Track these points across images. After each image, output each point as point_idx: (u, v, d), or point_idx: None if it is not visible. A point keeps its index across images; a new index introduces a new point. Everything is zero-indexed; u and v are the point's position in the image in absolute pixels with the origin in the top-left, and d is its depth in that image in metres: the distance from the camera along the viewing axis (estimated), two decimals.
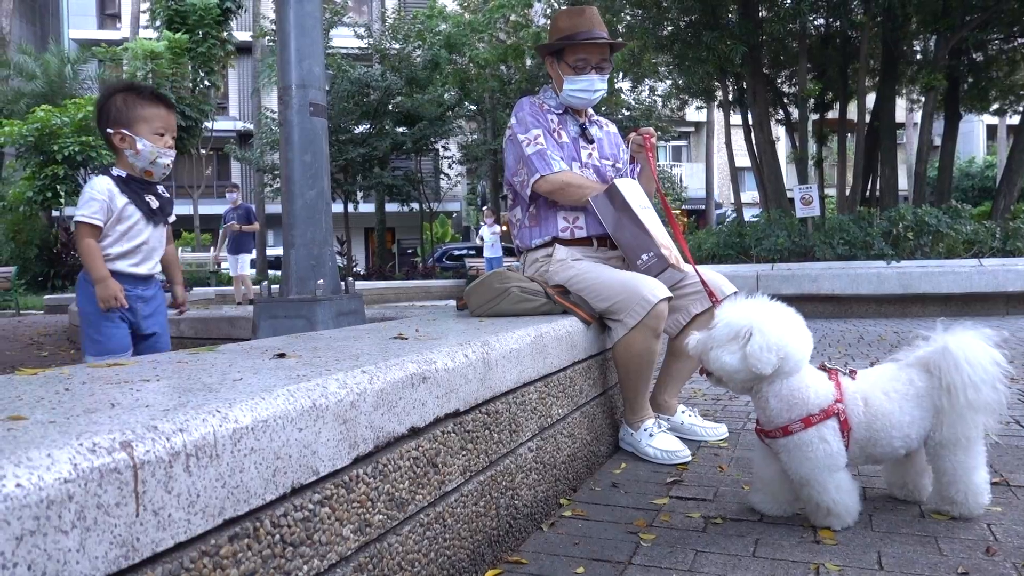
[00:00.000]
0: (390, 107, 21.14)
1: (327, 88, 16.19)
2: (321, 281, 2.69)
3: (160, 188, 2.47)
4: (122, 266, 2.39)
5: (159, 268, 2.54)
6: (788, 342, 1.74)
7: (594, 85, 2.62)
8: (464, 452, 1.51)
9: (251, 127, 24.50)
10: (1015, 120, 14.01)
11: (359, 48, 22.15)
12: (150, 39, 17.58)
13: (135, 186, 2.37)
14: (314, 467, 1.04)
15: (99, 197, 2.29)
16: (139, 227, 2.39)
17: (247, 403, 0.94)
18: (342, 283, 2.91)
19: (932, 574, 1.51)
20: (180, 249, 24.56)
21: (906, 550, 1.64)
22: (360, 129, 20.97)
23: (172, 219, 2.57)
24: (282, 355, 1.39)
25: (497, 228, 14.77)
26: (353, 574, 1.12)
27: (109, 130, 2.29)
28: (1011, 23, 12.41)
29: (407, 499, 1.29)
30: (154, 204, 2.42)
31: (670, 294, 2.37)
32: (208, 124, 19.96)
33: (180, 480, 0.81)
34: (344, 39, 22.39)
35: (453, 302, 2.72)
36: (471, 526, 1.52)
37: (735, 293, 2.66)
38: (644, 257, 2.46)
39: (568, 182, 2.53)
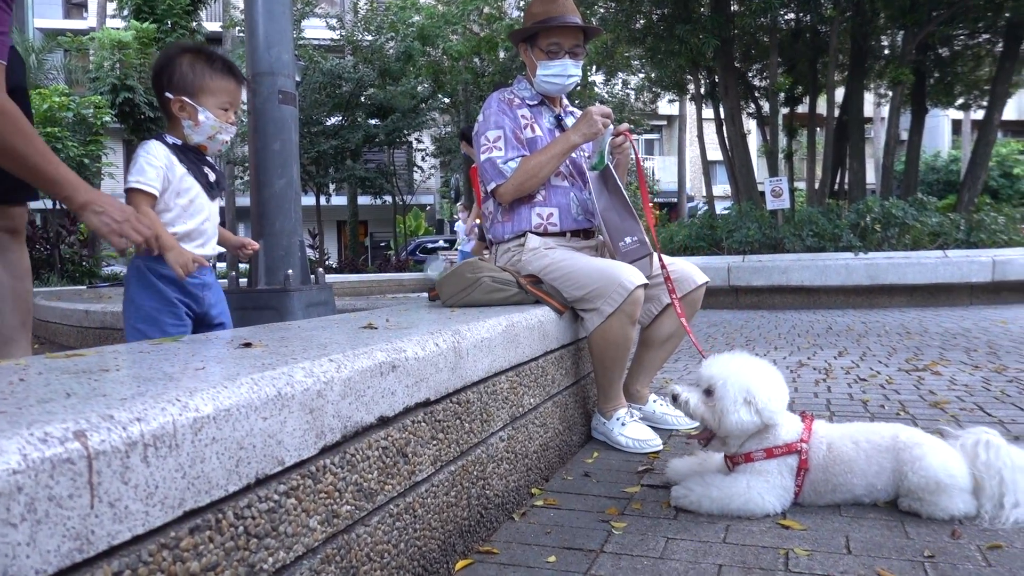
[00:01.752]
0: (362, 99, 20.97)
1: (298, 79, 16.00)
2: (290, 271, 2.65)
3: (212, 159, 2.18)
4: (188, 249, 2.07)
5: (219, 249, 2.25)
6: (786, 395, 1.86)
7: (567, 70, 2.61)
8: (435, 442, 1.49)
9: None
10: (979, 115, 14.28)
11: (331, 40, 21.91)
12: (117, 29, 17.19)
13: (192, 156, 2.09)
14: (279, 457, 1.01)
15: (156, 163, 1.98)
16: (200, 202, 2.10)
17: (209, 392, 0.92)
18: (312, 274, 2.88)
19: (899, 557, 1.53)
20: None
21: (874, 534, 1.66)
22: (332, 121, 20.77)
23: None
24: (248, 344, 1.37)
25: (471, 222, 14.76)
26: (320, 566, 1.11)
27: (168, 94, 2.01)
28: (976, 19, 12.63)
29: (376, 489, 1.27)
30: (211, 176, 2.15)
31: (646, 280, 2.38)
32: None
33: (138, 471, 0.79)
34: (316, 30, 22.13)
35: (426, 294, 2.69)
36: (442, 516, 1.51)
37: (706, 282, 2.68)
38: (627, 240, 2.47)
39: (522, 181, 2.52)
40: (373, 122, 21.27)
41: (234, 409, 0.93)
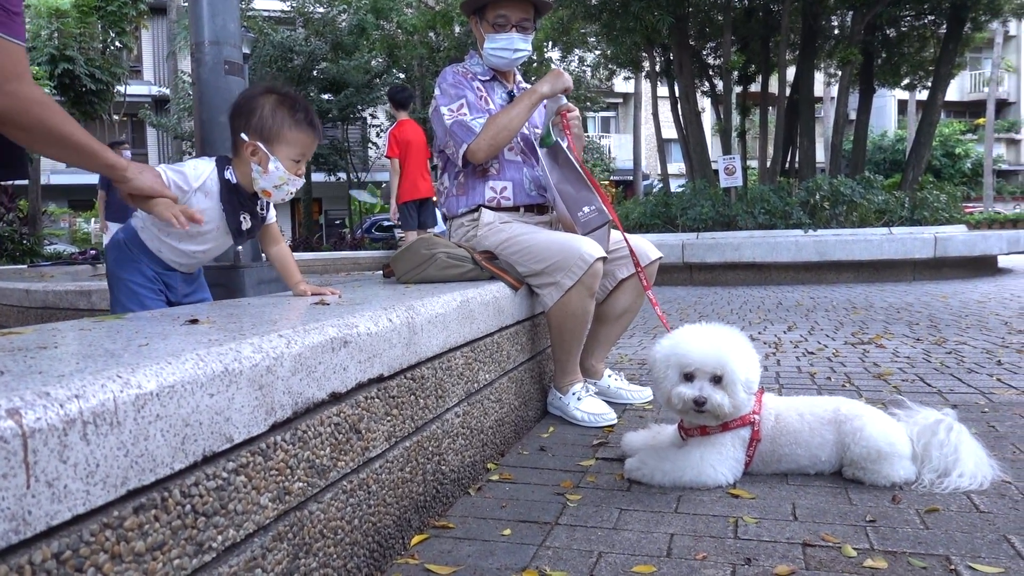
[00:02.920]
0: (314, 73, 20.51)
1: (247, 52, 15.58)
2: (240, 248, 2.59)
3: (260, 203, 2.05)
4: (167, 250, 1.99)
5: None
6: (757, 374, 1.84)
7: (514, 44, 2.59)
8: (389, 418, 1.48)
9: (167, 92, 23.37)
10: (924, 95, 14.64)
11: (281, 11, 21.35)
12: None
13: (237, 200, 1.97)
14: (228, 434, 0.99)
15: (182, 178, 1.87)
16: (210, 237, 1.99)
17: (152, 368, 0.89)
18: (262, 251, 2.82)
19: (842, 522, 1.58)
20: (92, 220, 23.40)
21: (819, 501, 1.71)
22: None
23: (272, 219, 2.13)
24: (195, 321, 1.33)
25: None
26: (272, 543, 1.09)
27: (244, 135, 1.89)
28: (921, 0, 12.89)
29: (329, 466, 1.26)
30: (246, 224, 2.01)
31: (605, 253, 2.39)
32: (120, 88, 18.93)
33: (77, 449, 0.76)
34: (266, 1, 21.53)
35: (381, 272, 2.66)
36: (397, 492, 1.50)
37: (660, 258, 2.71)
38: (586, 209, 2.48)
39: (493, 135, 2.48)
40: (326, 97, 20.85)
41: (179, 385, 0.90)
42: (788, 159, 14.37)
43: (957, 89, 34.20)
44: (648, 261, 2.65)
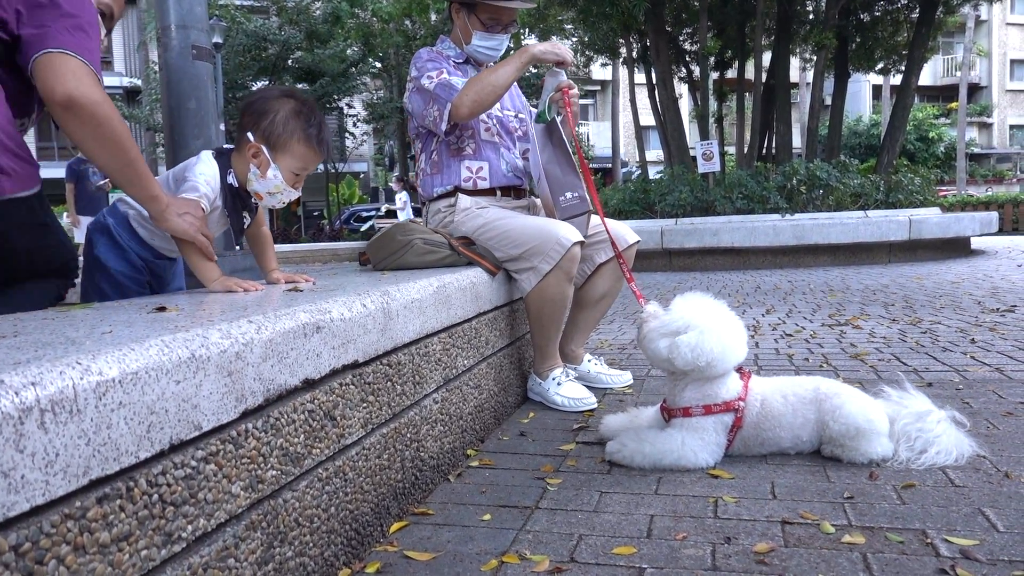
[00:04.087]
0: (289, 62, 20.27)
1: (220, 41, 15.35)
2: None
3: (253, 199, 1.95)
4: (160, 239, 1.90)
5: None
6: (718, 352, 1.80)
7: (503, 44, 2.62)
8: (365, 404, 1.46)
9: (139, 83, 22.98)
10: (898, 80, 14.77)
11: (254, 0, 21.06)
12: None
13: (240, 202, 1.89)
14: (196, 422, 0.97)
15: (211, 189, 1.79)
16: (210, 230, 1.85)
17: (114, 354, 0.86)
18: (236, 239, 2.77)
19: (821, 500, 1.58)
20: (63, 215, 22.98)
21: (797, 480, 1.71)
22: (258, 86, 20.02)
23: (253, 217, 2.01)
24: (162, 308, 1.30)
25: (404, 194, 15.36)
26: (246, 532, 1.07)
27: (250, 135, 1.80)
28: None
29: (303, 453, 1.23)
30: (247, 222, 1.96)
31: (583, 238, 2.37)
32: None
33: (34, 438, 0.73)
34: None
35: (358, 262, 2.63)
36: (374, 479, 1.48)
37: (637, 242, 2.70)
38: (568, 195, 2.46)
39: (478, 91, 2.40)
40: (301, 86, 20.60)
41: (142, 372, 0.88)
42: (765, 144, 14.46)
43: (930, 74, 34.60)
44: (626, 245, 2.64)
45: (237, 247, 2.81)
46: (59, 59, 1.48)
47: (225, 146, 1.95)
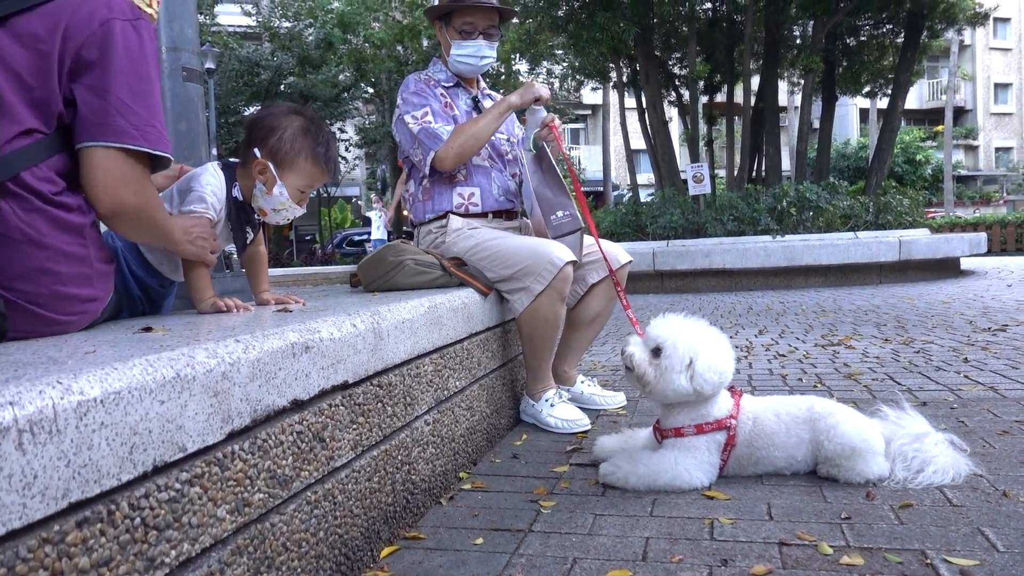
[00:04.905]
0: (282, 87, 20.40)
1: (212, 66, 15.43)
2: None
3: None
4: (168, 264, 1.81)
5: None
6: (731, 363, 1.83)
7: (481, 51, 2.58)
8: (355, 426, 1.44)
9: None
10: (885, 103, 14.96)
11: (247, 27, 21.22)
12: None
13: (243, 216, 1.86)
14: (180, 443, 0.95)
15: (216, 198, 1.76)
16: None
17: (96, 374, 0.84)
18: (225, 261, 2.75)
19: (818, 520, 1.56)
20: None
21: (794, 500, 1.69)
22: (251, 111, 20.10)
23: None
24: (148, 329, 1.28)
25: (385, 213, 15.54)
26: (231, 557, 1.04)
27: (257, 151, 1.77)
28: (880, 9, 13.18)
29: (291, 476, 1.21)
30: (249, 238, 1.92)
31: (575, 257, 2.37)
32: None
33: (11, 459, 0.71)
34: (231, 16, 21.39)
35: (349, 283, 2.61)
36: (364, 503, 1.46)
37: (630, 262, 2.70)
38: (559, 213, 2.47)
39: (461, 144, 2.45)
40: None
41: (125, 392, 0.86)
42: (754, 167, 14.57)
43: (916, 97, 35.07)
44: (618, 265, 2.64)
45: (227, 270, 2.78)
46: (106, 161, 1.33)
47: (230, 159, 1.91)
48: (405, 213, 7.38)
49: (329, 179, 1.91)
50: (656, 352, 1.82)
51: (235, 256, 2.78)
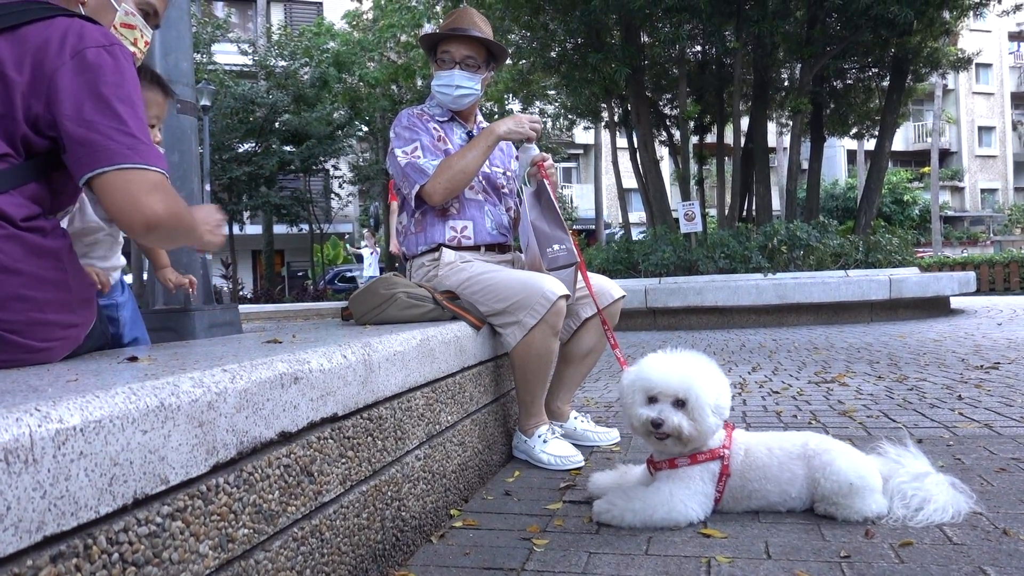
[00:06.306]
0: (276, 125, 20.56)
1: (208, 104, 15.54)
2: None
3: None
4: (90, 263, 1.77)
5: (123, 262, 1.95)
6: (727, 400, 1.81)
7: (455, 80, 2.57)
8: (344, 460, 1.40)
9: None
10: (871, 144, 15.17)
11: (243, 65, 21.45)
12: None
13: None
14: (163, 475, 0.92)
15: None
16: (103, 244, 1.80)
17: (76, 401, 0.82)
18: (216, 294, 2.74)
19: (816, 559, 1.53)
20: None
21: (792, 538, 1.66)
22: (245, 147, 20.25)
23: None
24: (134, 359, 1.25)
25: (377, 250, 15.69)
26: None
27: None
28: (866, 53, 13.45)
29: (277, 511, 1.17)
30: None
31: (568, 292, 2.35)
32: None
33: None
34: (227, 55, 21.63)
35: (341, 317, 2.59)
36: (353, 540, 1.41)
37: (623, 296, 2.68)
38: (555, 247, 2.47)
39: (450, 178, 2.45)
40: (288, 148, 20.85)
41: (106, 421, 0.83)
42: (745, 206, 14.69)
43: (902, 139, 35.68)
44: (611, 299, 2.62)
45: (217, 303, 2.76)
46: (121, 180, 1.30)
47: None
48: (393, 250, 7.41)
49: (167, 99, 1.90)
50: (679, 404, 1.76)
51: (226, 289, 2.77)
